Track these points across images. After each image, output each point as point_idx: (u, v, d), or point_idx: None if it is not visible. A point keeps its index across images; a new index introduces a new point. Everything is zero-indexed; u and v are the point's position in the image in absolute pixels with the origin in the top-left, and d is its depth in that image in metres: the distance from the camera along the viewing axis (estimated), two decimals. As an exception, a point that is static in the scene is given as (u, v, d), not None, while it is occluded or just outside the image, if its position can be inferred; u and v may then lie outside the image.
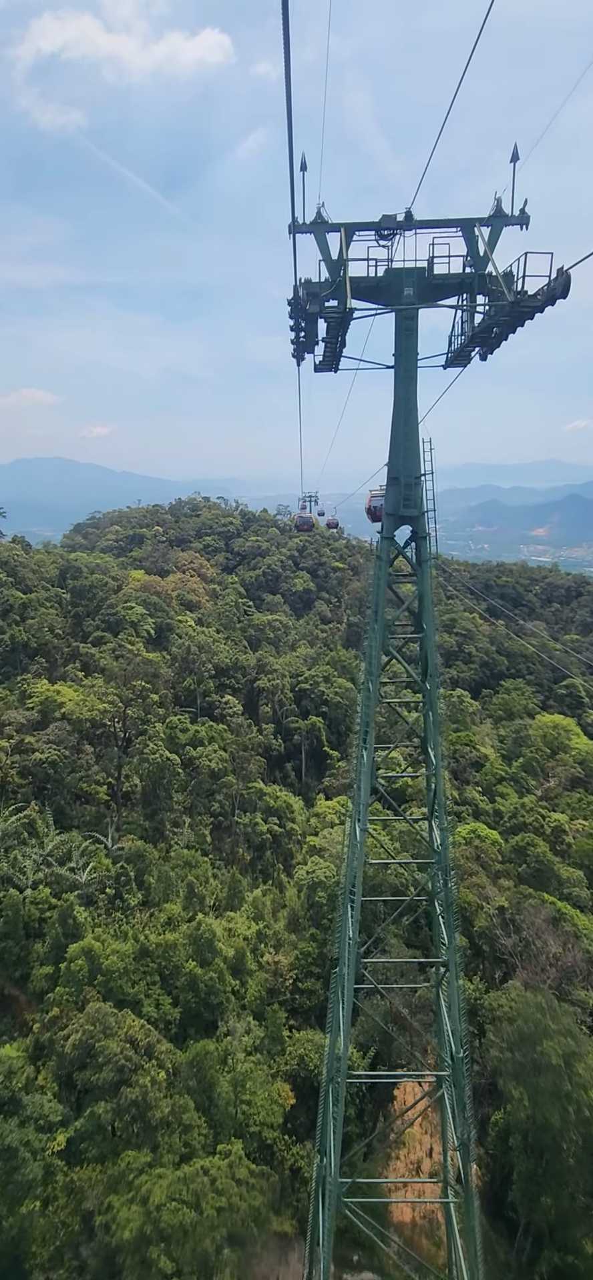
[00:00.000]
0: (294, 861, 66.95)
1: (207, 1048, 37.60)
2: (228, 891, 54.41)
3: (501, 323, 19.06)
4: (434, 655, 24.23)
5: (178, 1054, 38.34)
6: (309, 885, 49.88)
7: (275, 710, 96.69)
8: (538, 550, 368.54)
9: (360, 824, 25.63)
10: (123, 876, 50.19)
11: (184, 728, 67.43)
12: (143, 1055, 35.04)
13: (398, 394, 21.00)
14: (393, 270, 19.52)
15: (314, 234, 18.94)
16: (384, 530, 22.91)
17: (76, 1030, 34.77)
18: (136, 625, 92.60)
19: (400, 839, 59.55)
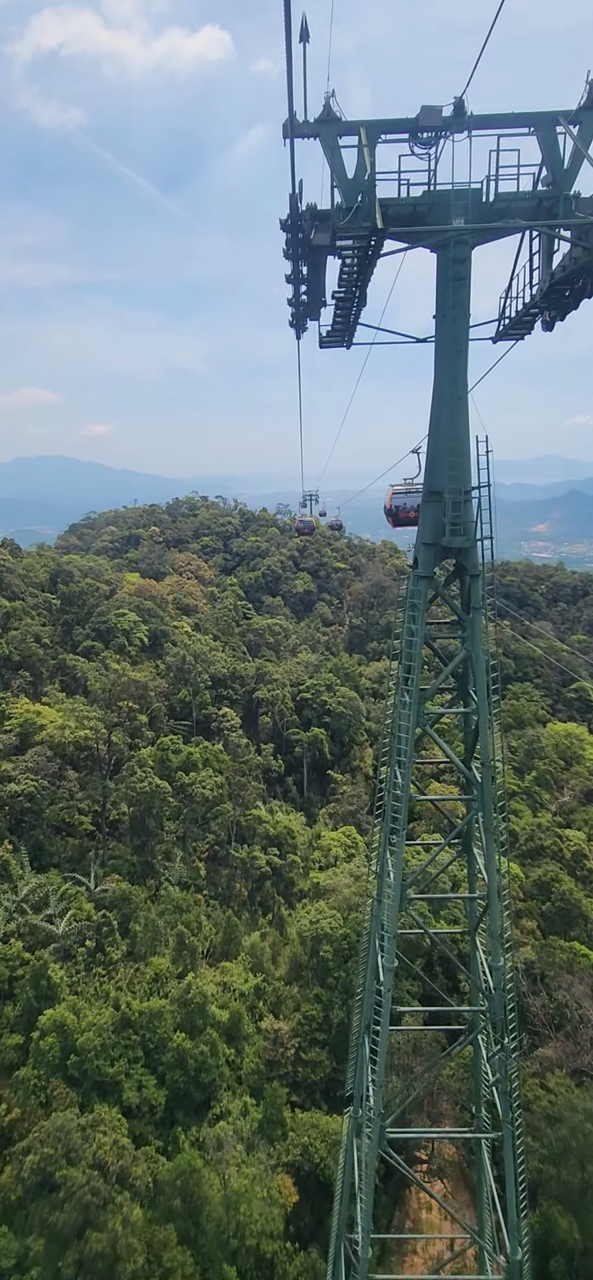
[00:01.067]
0: (295, 889, 61.02)
1: (193, 1162, 31.55)
2: (223, 936, 48.43)
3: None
4: (489, 740, 17.93)
5: (160, 1162, 32.33)
6: (313, 937, 43.79)
7: (276, 721, 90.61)
8: (539, 546, 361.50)
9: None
10: (105, 926, 44.16)
11: (176, 749, 61.34)
12: (114, 1184, 29.05)
13: (441, 375, 14.66)
14: (437, 192, 13.28)
15: (321, 139, 12.68)
16: (419, 565, 16.67)
17: (35, 1150, 28.75)
18: (129, 633, 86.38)
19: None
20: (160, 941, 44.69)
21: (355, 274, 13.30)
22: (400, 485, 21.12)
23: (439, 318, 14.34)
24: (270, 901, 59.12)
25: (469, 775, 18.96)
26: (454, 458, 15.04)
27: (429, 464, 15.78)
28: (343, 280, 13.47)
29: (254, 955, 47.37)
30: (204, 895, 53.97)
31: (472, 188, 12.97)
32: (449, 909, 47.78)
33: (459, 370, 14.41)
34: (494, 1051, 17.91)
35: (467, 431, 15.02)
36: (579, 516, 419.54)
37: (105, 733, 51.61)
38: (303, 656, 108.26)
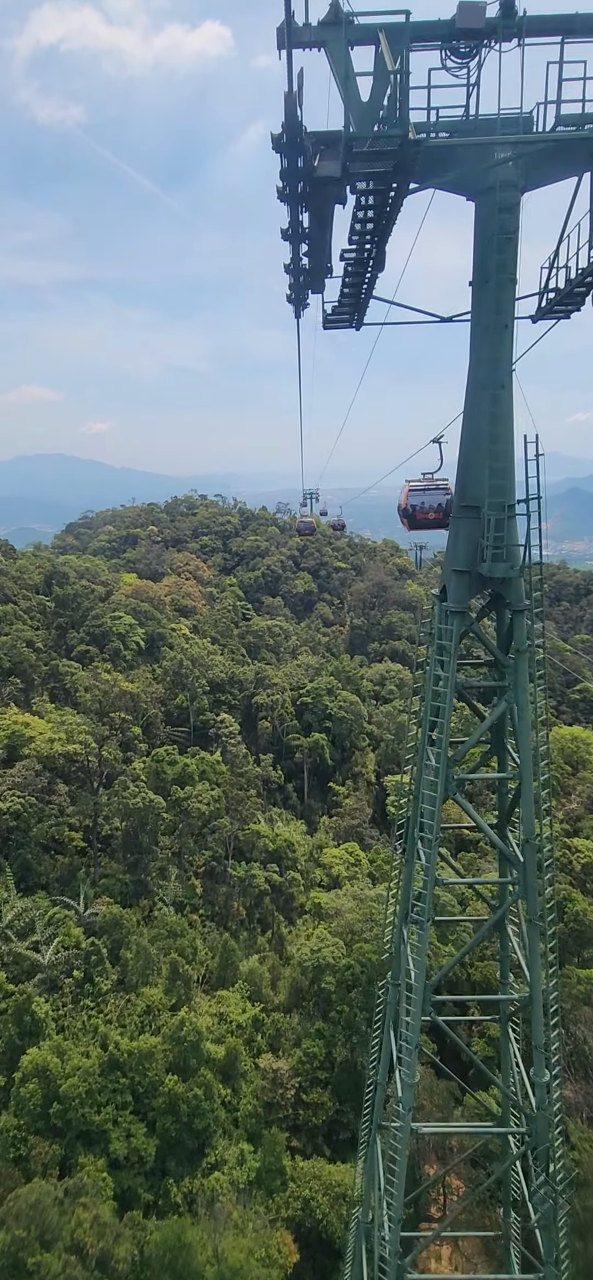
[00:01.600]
0: (296, 903, 58.07)
1: (183, 1235, 28.61)
2: (219, 962, 45.52)
3: None
4: (532, 813, 14.76)
5: (148, 1229, 29.42)
6: (315, 967, 40.84)
7: (275, 727, 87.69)
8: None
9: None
10: (94, 955, 41.23)
11: (172, 760, 58.37)
12: (93, 1270, 26.17)
13: (479, 357, 11.47)
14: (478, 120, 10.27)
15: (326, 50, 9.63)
16: (449, 596, 13.58)
17: (7, 1228, 25.84)
18: (124, 637, 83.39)
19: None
20: (153, 970, 41.79)
21: (373, 223, 10.15)
22: (418, 482, 18.10)
23: (478, 284, 11.29)
24: (270, 918, 56.28)
25: (507, 852, 15.73)
26: (496, 463, 12.03)
27: (463, 469, 12.81)
28: (355, 234, 10.37)
29: (252, 982, 44.49)
30: (200, 915, 51.05)
31: (524, 114, 10.02)
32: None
33: (503, 350, 11.33)
34: (537, 1185, 14.67)
35: (511, 429, 12.04)
36: (580, 514, 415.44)
37: (95, 747, 48.67)
38: (303, 659, 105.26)
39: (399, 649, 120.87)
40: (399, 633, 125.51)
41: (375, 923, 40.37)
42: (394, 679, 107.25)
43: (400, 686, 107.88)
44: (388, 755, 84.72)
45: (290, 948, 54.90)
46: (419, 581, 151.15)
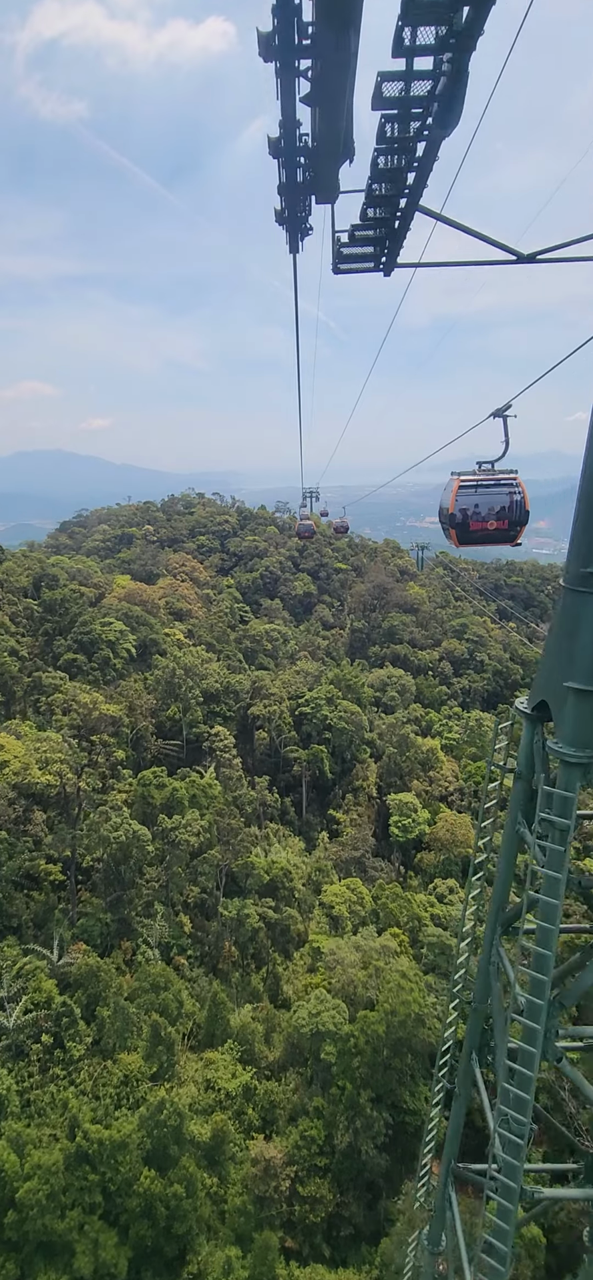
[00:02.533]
0: (293, 932, 52.98)
1: None
2: (207, 1015, 40.50)
3: None
4: None
5: None
6: (313, 1033, 35.76)
7: (272, 738, 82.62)
8: (539, 542, 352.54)
9: None
10: (66, 1017, 36.23)
11: (160, 783, 53.28)
12: None
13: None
14: None
15: None
16: (564, 732, 8.32)
17: None
18: (115, 644, 78.18)
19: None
20: (132, 1032, 36.78)
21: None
22: (472, 475, 12.93)
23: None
24: (264, 953, 51.30)
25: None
26: None
27: (587, 507, 7.86)
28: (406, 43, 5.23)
29: (244, 1039, 39.49)
30: (188, 958, 45.97)
31: None
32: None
33: None
34: None
35: None
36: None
37: (73, 778, 43.51)
38: (302, 665, 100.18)
39: (401, 653, 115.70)
40: (401, 636, 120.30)
41: (382, 980, 35.42)
42: (396, 684, 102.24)
43: (402, 693, 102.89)
44: (390, 769, 79.70)
45: (287, 988, 49.96)
46: (421, 583, 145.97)
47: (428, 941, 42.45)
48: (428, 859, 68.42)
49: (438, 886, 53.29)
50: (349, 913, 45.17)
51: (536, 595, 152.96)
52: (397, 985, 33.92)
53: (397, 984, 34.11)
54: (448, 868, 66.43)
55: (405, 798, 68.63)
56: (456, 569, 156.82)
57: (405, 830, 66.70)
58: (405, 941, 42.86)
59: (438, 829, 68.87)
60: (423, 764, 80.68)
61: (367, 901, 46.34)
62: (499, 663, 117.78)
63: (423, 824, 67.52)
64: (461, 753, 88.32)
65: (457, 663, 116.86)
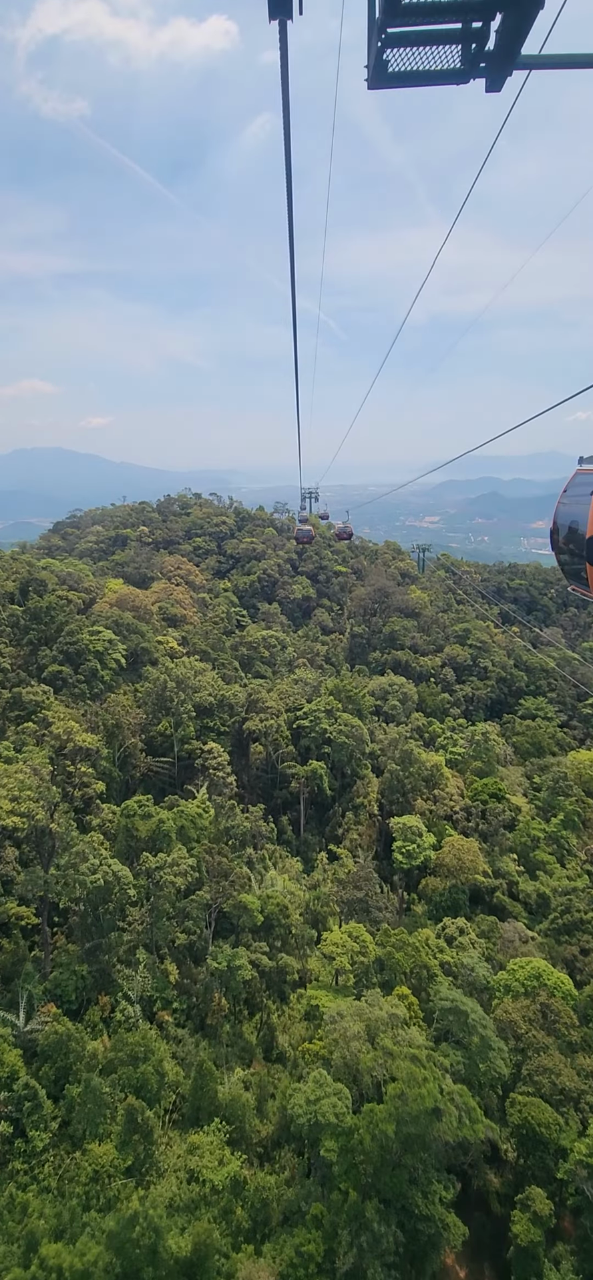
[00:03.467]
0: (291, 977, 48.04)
1: None
2: (192, 1088, 35.62)
3: None
4: None
5: None
6: (312, 1124, 30.73)
7: (269, 753, 77.70)
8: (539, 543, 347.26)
9: None
10: (29, 1100, 31.36)
11: (145, 813, 48.27)
12: None
13: None
14: None
15: None
16: None
17: None
18: (103, 655, 73.11)
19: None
20: (106, 1115, 31.90)
21: None
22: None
23: None
24: (258, 998, 46.42)
25: None
26: None
27: None
28: None
29: (233, 1114, 34.61)
30: (173, 1013, 41.02)
31: None
32: None
33: None
34: None
35: None
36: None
37: (43, 817, 38.46)
38: (301, 673, 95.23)
39: (402, 660, 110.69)
40: (402, 642, 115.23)
41: (391, 1063, 30.43)
42: (397, 693, 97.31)
43: (403, 702, 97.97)
44: (393, 785, 74.77)
45: (282, 1038, 45.09)
46: (422, 586, 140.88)
47: (441, 1005, 37.37)
48: (434, 884, 63.57)
49: (447, 927, 48.40)
50: (351, 964, 40.20)
51: (539, 599, 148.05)
52: (408, 1073, 29.05)
53: (408, 1071, 29.24)
54: (455, 896, 61.60)
55: (410, 821, 63.70)
56: (457, 571, 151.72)
57: (410, 856, 61.81)
58: (415, 1005, 37.95)
59: (444, 854, 64.00)
60: (427, 781, 75.80)
61: (371, 950, 41.41)
62: (503, 669, 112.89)
63: (428, 849, 62.63)
64: (465, 767, 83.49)
65: (459, 669, 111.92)
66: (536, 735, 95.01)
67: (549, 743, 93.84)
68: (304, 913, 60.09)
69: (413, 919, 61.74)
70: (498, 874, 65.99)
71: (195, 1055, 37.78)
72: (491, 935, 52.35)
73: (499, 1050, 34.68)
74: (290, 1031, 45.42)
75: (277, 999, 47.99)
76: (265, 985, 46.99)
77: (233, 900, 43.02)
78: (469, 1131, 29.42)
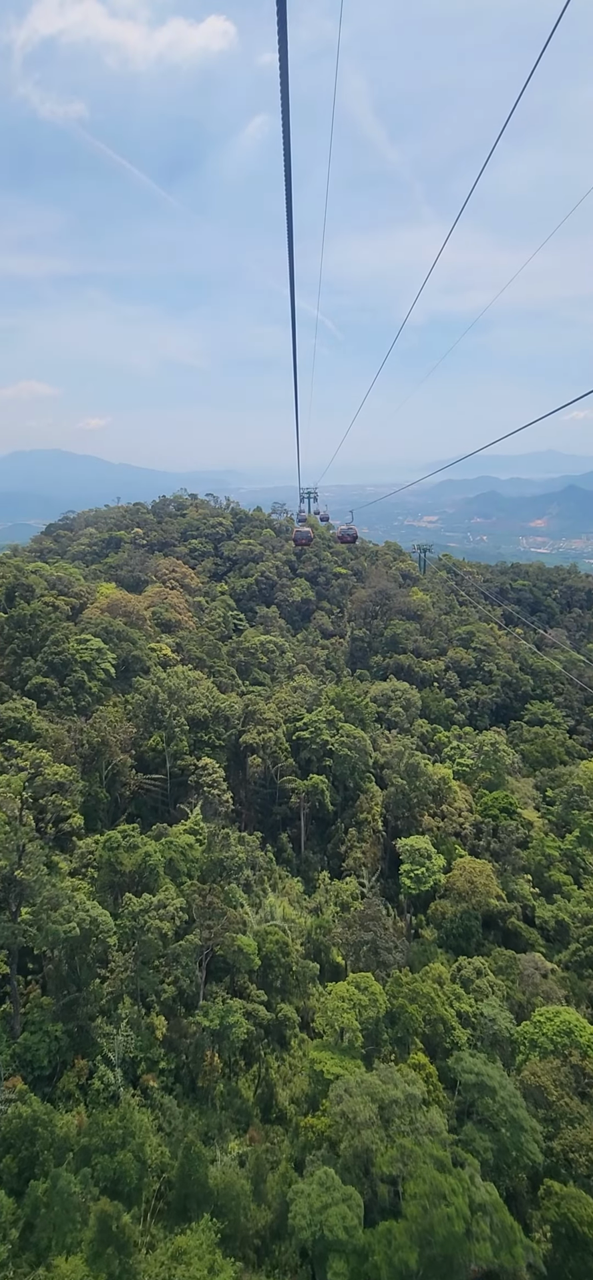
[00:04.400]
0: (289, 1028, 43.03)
1: None
2: (179, 1172, 30.63)
3: None
4: None
5: None
6: (316, 1237, 25.58)
7: (267, 766, 72.63)
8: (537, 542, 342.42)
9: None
10: (-15, 1203, 26.37)
11: (130, 844, 43.19)
12: None
13: None
14: None
15: None
16: None
17: None
18: (91, 665, 68.00)
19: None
20: (76, 1219, 26.90)
21: None
22: None
23: None
24: (256, 1049, 41.40)
25: None
26: None
27: None
28: None
29: (227, 1204, 29.63)
30: (160, 1075, 36.03)
31: None
32: None
33: None
34: None
35: None
36: (577, 512, 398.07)
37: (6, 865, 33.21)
38: (300, 680, 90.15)
39: (404, 664, 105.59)
40: (404, 645, 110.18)
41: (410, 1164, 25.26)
42: (400, 699, 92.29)
43: (407, 708, 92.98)
44: (398, 800, 69.74)
45: (282, 1094, 40.12)
46: (423, 587, 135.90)
47: (465, 1079, 32.30)
48: (444, 908, 58.61)
49: (464, 968, 43.37)
50: (359, 1019, 35.15)
51: (542, 600, 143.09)
52: (432, 1182, 24.04)
53: (431, 1180, 24.24)
54: (467, 923, 56.65)
55: (418, 842, 58.66)
56: (460, 572, 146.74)
57: (419, 881, 56.78)
58: (433, 1075, 33.01)
59: (455, 876, 59.04)
60: (434, 795, 70.79)
61: (381, 1003, 36.38)
62: (509, 673, 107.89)
63: (438, 872, 57.62)
64: (472, 778, 78.53)
65: (463, 673, 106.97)
66: (545, 743, 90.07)
67: (559, 751, 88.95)
68: (306, 941, 55.19)
69: (423, 947, 56.78)
70: (512, 896, 61.02)
71: (184, 1129, 32.73)
72: (509, 972, 47.37)
73: (532, 1131, 29.74)
74: (292, 1085, 40.46)
75: (276, 1046, 43.04)
76: (264, 1033, 42.03)
77: (227, 944, 37.97)
78: (507, 1258, 24.43)
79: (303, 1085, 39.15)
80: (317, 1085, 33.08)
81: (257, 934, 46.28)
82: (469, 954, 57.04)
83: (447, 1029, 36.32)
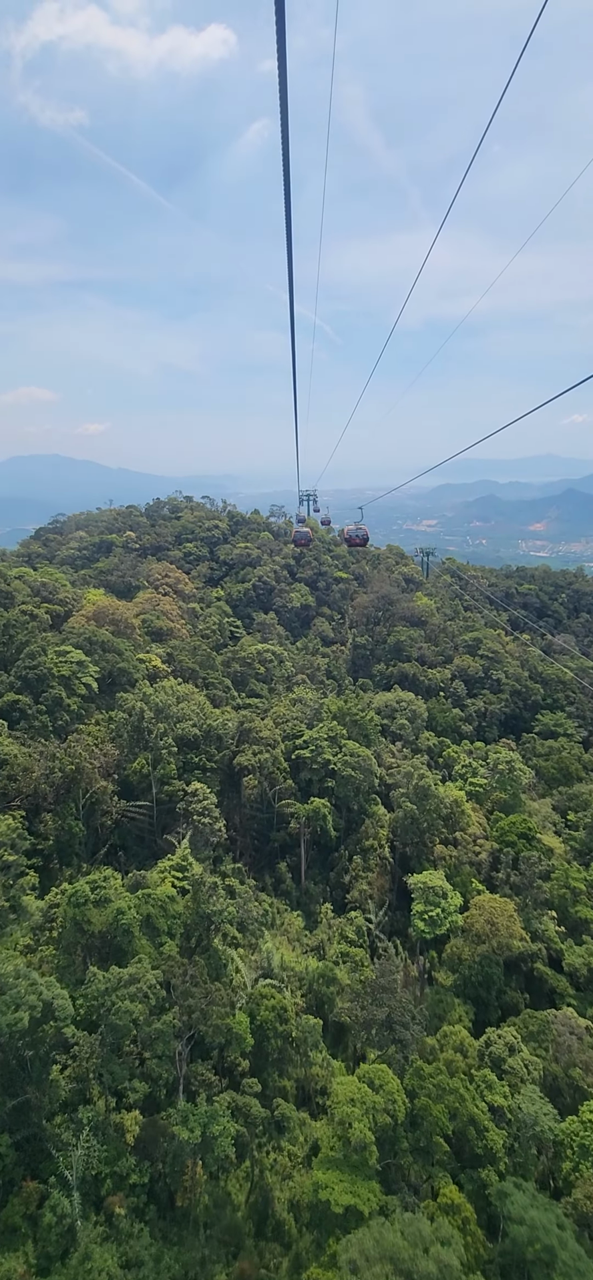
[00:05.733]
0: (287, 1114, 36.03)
1: None
2: None
3: None
4: None
5: None
6: None
7: (264, 789, 65.54)
8: (536, 545, 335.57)
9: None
10: None
11: (102, 898, 36.10)
12: None
13: None
14: None
15: None
16: None
17: None
18: (70, 680, 60.89)
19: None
20: None
21: None
22: None
23: None
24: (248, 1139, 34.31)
25: None
26: None
27: None
28: None
29: None
30: (129, 1193, 28.89)
31: None
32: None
33: None
34: None
35: None
36: (577, 515, 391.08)
37: None
38: (300, 692, 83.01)
39: (409, 673, 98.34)
40: (408, 653, 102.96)
41: None
42: (405, 710, 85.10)
43: (412, 720, 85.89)
44: (407, 825, 62.59)
45: (280, 1196, 33.01)
46: (427, 591, 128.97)
47: (515, 1231, 25.10)
48: (460, 949, 51.54)
49: (493, 1043, 36.16)
50: (373, 1128, 28.03)
51: (549, 604, 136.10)
52: None
53: None
54: (488, 970, 49.56)
55: (432, 879, 51.55)
56: (464, 576, 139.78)
57: (433, 924, 49.68)
58: (471, 1220, 25.94)
59: (473, 916, 51.85)
60: (446, 820, 63.73)
61: (399, 1103, 29.18)
62: (518, 681, 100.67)
63: (454, 912, 50.54)
64: (485, 798, 71.49)
65: (470, 682, 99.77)
66: (561, 759, 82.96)
67: (576, 767, 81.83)
68: (307, 992, 48.11)
69: (439, 996, 49.71)
70: (535, 936, 53.88)
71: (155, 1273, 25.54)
72: (542, 1039, 40.24)
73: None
74: (292, 1183, 33.35)
75: (273, 1132, 35.93)
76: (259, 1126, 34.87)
77: (213, 1025, 30.83)
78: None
79: (304, 1184, 32.09)
80: (322, 1220, 25.96)
81: (250, 998, 39.19)
82: (490, 1004, 50.02)
83: (478, 1132, 29.29)
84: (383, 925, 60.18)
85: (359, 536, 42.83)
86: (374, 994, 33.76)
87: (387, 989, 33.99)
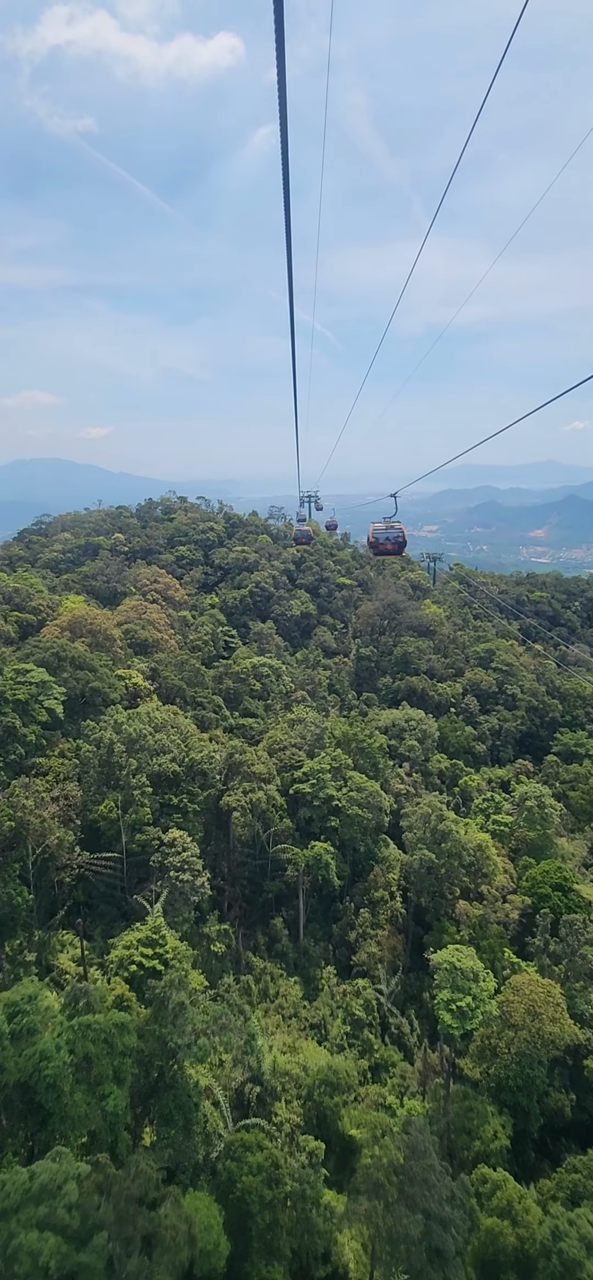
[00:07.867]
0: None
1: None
2: None
3: None
4: None
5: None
6: None
7: (257, 831, 54.83)
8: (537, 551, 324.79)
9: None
10: None
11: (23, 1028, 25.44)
12: None
13: None
14: None
15: None
16: None
17: None
18: (28, 705, 50.26)
19: None
20: None
21: None
22: None
23: None
24: None
25: None
26: None
27: None
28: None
29: None
30: None
31: None
32: None
33: None
34: None
35: None
36: (577, 521, 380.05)
37: None
38: (300, 711, 72.31)
39: (417, 687, 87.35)
40: (416, 665, 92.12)
41: None
42: (415, 730, 74.32)
43: (423, 740, 75.16)
44: (422, 874, 51.85)
45: None
46: (435, 599, 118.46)
47: None
48: (494, 1038, 40.88)
49: (563, 1235, 25.42)
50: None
51: (562, 613, 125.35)
52: None
53: None
54: (528, 1073, 38.92)
55: (461, 958, 40.68)
56: (473, 583, 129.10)
57: (462, 1016, 38.92)
58: None
59: (509, 1000, 41.04)
60: (469, 868, 53.07)
61: None
62: (534, 696, 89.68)
63: (488, 1001, 39.78)
64: (507, 837, 60.83)
65: (483, 697, 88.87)
66: (590, 787, 72.36)
67: (609, 797, 71.25)
68: (306, 1100, 37.38)
69: (468, 1103, 38.89)
70: (582, 1020, 43.18)
71: None
72: None
73: None
74: None
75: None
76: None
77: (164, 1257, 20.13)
78: None
79: None
80: None
81: (229, 1147, 28.58)
82: (531, 1112, 39.43)
83: None
84: (395, 995, 49.56)
85: (392, 540, 29.67)
86: (405, 1193, 22.85)
87: (422, 1179, 23.11)
